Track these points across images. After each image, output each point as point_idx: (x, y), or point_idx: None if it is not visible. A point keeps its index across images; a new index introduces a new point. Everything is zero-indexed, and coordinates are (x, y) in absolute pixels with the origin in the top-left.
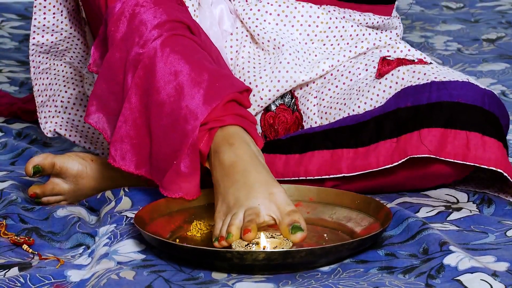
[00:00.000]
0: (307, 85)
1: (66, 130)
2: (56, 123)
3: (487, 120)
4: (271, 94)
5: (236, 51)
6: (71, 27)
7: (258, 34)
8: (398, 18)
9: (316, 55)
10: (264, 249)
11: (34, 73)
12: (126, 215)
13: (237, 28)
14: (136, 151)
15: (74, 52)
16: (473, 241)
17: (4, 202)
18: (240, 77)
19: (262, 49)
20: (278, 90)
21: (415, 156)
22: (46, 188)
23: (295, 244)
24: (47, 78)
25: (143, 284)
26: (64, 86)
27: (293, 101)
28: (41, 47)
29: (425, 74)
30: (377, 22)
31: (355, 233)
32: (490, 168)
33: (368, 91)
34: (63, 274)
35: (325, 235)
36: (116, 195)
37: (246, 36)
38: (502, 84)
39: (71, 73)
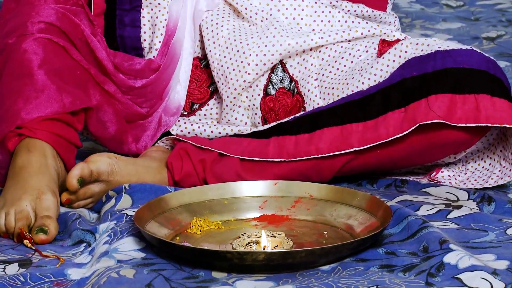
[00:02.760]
0: (305, 67)
1: None
2: None
3: (494, 82)
4: (258, 59)
5: (217, 23)
6: None
7: (246, 8)
8: (395, 17)
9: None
10: (264, 248)
11: None
12: (126, 213)
13: (219, 8)
14: None
15: None
16: (473, 239)
17: None
18: (227, 47)
19: (250, 25)
20: (264, 55)
21: (425, 122)
22: (80, 193)
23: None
24: None
25: (143, 282)
26: None
27: (292, 84)
28: None
29: (428, 45)
30: (367, 12)
31: (355, 231)
32: (503, 126)
33: (372, 67)
34: (63, 272)
35: (325, 232)
36: (118, 192)
37: (229, 14)
38: None
39: None
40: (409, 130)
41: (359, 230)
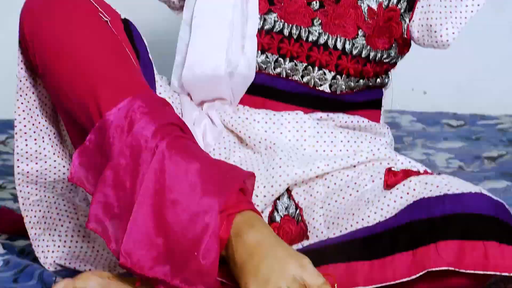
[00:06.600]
0: (311, 195)
1: (66, 260)
2: (56, 256)
3: (502, 229)
4: (266, 191)
5: (225, 158)
6: (54, 154)
7: (249, 137)
8: (388, 128)
9: (310, 155)
10: None
11: (23, 204)
12: None
13: (224, 137)
14: (150, 254)
15: (63, 183)
16: None
17: None
18: None
19: (254, 153)
20: (272, 186)
21: (434, 269)
22: None
23: None
24: (40, 210)
25: None
26: (59, 219)
27: (297, 212)
28: (27, 177)
29: (437, 186)
30: (363, 122)
31: None
32: (511, 275)
33: (379, 201)
34: None
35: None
36: None
37: (234, 143)
38: (505, 203)
39: (64, 205)
40: (417, 275)
41: None
